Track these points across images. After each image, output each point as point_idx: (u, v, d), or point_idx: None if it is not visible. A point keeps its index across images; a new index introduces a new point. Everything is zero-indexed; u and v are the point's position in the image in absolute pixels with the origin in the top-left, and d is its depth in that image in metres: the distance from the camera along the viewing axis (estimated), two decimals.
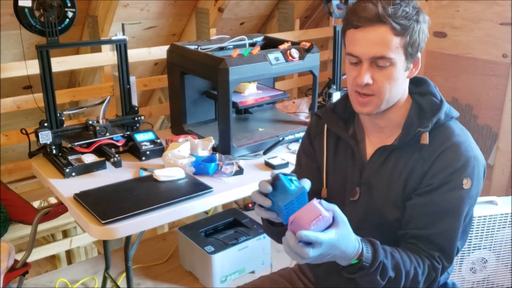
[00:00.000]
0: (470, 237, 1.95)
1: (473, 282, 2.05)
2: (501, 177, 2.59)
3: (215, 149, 1.95)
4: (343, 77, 2.53)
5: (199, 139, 1.98)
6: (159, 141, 2.00)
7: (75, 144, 1.88)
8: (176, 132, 2.20)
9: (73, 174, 1.79)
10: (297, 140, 2.11)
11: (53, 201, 2.66)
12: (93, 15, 2.59)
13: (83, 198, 1.61)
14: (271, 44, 2.20)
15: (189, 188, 1.69)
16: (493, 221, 1.95)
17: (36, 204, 2.55)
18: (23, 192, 2.20)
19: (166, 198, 1.61)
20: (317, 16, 3.49)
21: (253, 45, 2.19)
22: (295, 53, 2.03)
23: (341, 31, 1.16)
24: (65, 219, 2.72)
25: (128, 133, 2.00)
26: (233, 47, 2.14)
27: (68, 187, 1.70)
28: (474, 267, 2.01)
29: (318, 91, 2.23)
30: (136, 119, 2.09)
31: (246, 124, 2.26)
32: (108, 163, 1.88)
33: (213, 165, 1.81)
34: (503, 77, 2.50)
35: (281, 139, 2.07)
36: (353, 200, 1.22)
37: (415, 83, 1.22)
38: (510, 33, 2.43)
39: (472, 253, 1.99)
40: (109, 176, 1.80)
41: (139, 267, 2.46)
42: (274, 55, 1.98)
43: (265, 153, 2.01)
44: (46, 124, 1.87)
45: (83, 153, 1.88)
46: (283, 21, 3.24)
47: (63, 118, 1.91)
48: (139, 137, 1.99)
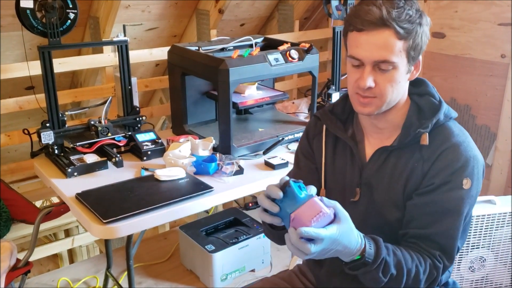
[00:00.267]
0: (468, 236, 1.96)
1: (472, 281, 2.06)
2: (499, 176, 2.60)
3: (215, 149, 1.97)
4: (343, 77, 2.54)
5: (199, 139, 1.99)
6: (160, 141, 2.01)
7: (77, 144, 1.89)
8: (177, 132, 2.21)
9: (75, 174, 1.80)
10: (296, 140, 2.12)
11: (55, 200, 2.67)
12: (95, 17, 2.60)
13: (85, 197, 1.62)
14: (271, 45, 2.21)
15: (190, 187, 1.71)
16: (492, 220, 1.96)
17: (38, 203, 2.56)
18: (25, 191, 2.21)
19: (167, 197, 1.62)
20: (317, 17, 3.50)
21: (253, 46, 2.21)
22: (294, 54, 2.04)
23: (343, 32, 1.15)
24: (67, 218, 2.73)
25: (129, 133, 2.02)
26: (233, 48, 2.16)
27: (70, 187, 1.71)
28: (472, 266, 2.02)
29: (317, 92, 2.24)
30: (137, 119, 2.10)
31: (246, 124, 2.27)
32: (109, 163, 1.89)
33: (214, 165, 1.83)
34: (502, 78, 2.50)
35: (280, 139, 2.08)
36: (353, 201, 1.22)
37: (413, 83, 1.20)
38: (508, 33, 2.44)
39: (470, 252, 2.00)
40: (110, 176, 1.81)
41: (140, 266, 2.47)
42: (274, 56, 1.99)
43: (265, 153, 2.02)
44: (48, 124, 1.88)
45: (85, 153, 1.89)
46: (282, 22, 3.25)
47: (65, 118, 1.92)
48: (141, 137, 2.00)
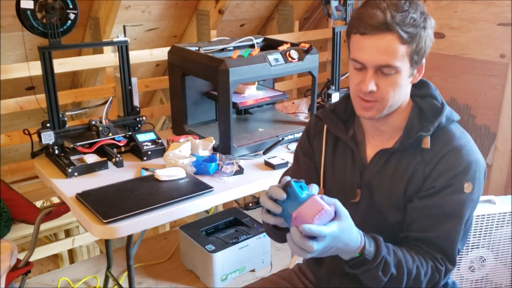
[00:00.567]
0: (468, 236, 1.95)
1: (472, 281, 2.06)
2: (499, 176, 2.60)
3: (215, 149, 1.97)
4: (342, 78, 2.55)
5: (199, 139, 2.00)
6: (160, 141, 2.02)
7: (77, 144, 1.89)
8: (177, 132, 2.22)
9: (75, 174, 1.80)
10: (296, 140, 2.12)
11: (55, 200, 2.67)
12: (95, 17, 2.61)
13: (85, 197, 1.62)
14: (270, 45, 2.21)
15: (190, 187, 1.71)
16: (492, 220, 1.96)
17: (38, 203, 2.57)
18: (25, 192, 2.21)
19: (167, 197, 1.62)
20: (316, 17, 3.50)
21: (253, 46, 2.21)
22: (294, 54, 2.04)
23: (346, 33, 1.14)
24: (67, 218, 2.73)
25: (129, 133, 2.02)
26: (233, 48, 2.16)
27: (70, 187, 1.72)
28: (472, 266, 2.03)
29: (317, 92, 2.24)
30: (137, 119, 2.10)
31: (246, 124, 2.28)
32: (110, 163, 1.90)
33: (214, 165, 1.83)
34: (501, 78, 2.50)
35: (280, 139, 2.08)
36: (354, 201, 1.21)
37: (416, 85, 1.19)
38: (508, 33, 2.44)
39: (470, 252, 2.00)
40: (111, 176, 1.82)
41: (140, 266, 2.47)
42: (273, 56, 1.99)
43: (265, 153, 2.03)
44: (48, 124, 1.88)
45: (85, 153, 1.89)
46: (282, 22, 3.25)
47: (65, 118, 1.93)
48: (141, 137, 2.00)
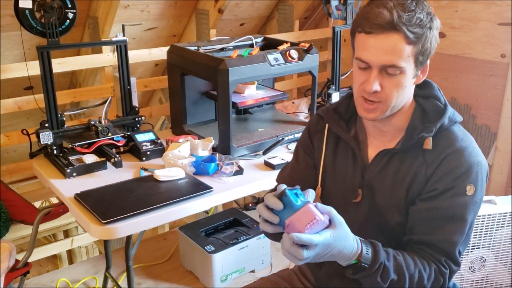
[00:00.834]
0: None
1: (472, 281, 2.06)
2: (499, 176, 2.59)
3: (215, 149, 1.96)
4: (342, 77, 2.54)
5: (199, 139, 1.99)
6: (159, 141, 2.01)
7: (76, 144, 1.88)
8: (176, 132, 2.21)
9: (74, 174, 1.79)
10: (296, 140, 2.12)
11: (54, 201, 2.66)
12: (94, 16, 2.60)
13: (84, 198, 1.62)
14: (270, 45, 2.21)
15: (189, 188, 1.70)
16: (492, 220, 1.95)
17: (37, 204, 2.56)
18: (24, 192, 2.21)
19: (166, 198, 1.62)
20: (317, 17, 3.49)
21: (253, 46, 2.20)
22: (294, 53, 2.03)
23: (350, 32, 1.13)
24: (66, 219, 2.73)
25: (128, 133, 2.01)
26: (233, 48, 2.15)
27: (69, 187, 1.71)
28: (473, 266, 2.02)
29: (317, 92, 2.23)
30: (136, 119, 2.10)
31: (246, 124, 2.27)
32: (108, 163, 1.89)
33: (213, 165, 1.82)
34: (502, 77, 2.50)
35: (280, 139, 2.08)
36: (355, 202, 1.21)
37: (419, 85, 1.18)
38: (508, 33, 2.43)
39: (471, 252, 1.99)
40: (109, 176, 1.81)
41: (140, 267, 2.46)
42: (273, 56, 1.99)
43: (264, 153, 2.02)
44: (47, 124, 1.88)
45: (84, 154, 1.88)
46: (282, 22, 3.24)
47: (64, 118, 1.92)
48: (140, 137, 2.00)
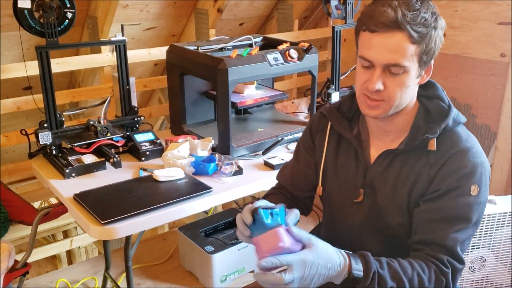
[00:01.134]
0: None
1: (472, 281, 2.05)
2: (499, 176, 2.59)
3: (214, 149, 1.96)
4: (342, 77, 2.54)
5: (198, 139, 1.99)
6: (158, 141, 2.01)
7: (75, 144, 1.88)
8: (175, 132, 2.20)
9: (73, 174, 1.79)
10: (296, 140, 2.11)
11: (53, 201, 2.66)
12: (93, 16, 2.59)
13: (83, 198, 1.61)
14: (270, 44, 2.20)
15: (188, 188, 1.70)
16: (492, 220, 1.95)
17: (36, 204, 2.55)
18: (23, 192, 2.20)
19: (165, 198, 1.61)
20: (316, 16, 3.49)
21: (252, 45, 2.20)
22: (294, 53, 2.03)
23: (354, 30, 1.13)
24: (65, 219, 2.72)
25: (127, 133, 2.01)
26: (232, 47, 2.15)
27: (68, 188, 1.71)
28: (473, 266, 2.02)
29: (317, 91, 2.23)
30: (135, 119, 2.09)
31: (245, 124, 2.27)
32: (107, 164, 1.89)
33: (213, 165, 1.82)
34: (502, 77, 2.50)
35: (280, 139, 2.07)
36: (356, 201, 1.20)
37: (422, 86, 1.18)
38: (508, 32, 2.43)
39: (471, 252, 1.99)
40: (108, 176, 1.81)
41: (139, 267, 2.46)
42: (273, 56, 1.98)
43: (264, 153, 2.02)
44: (46, 125, 1.87)
45: (83, 154, 1.88)
46: (282, 21, 3.24)
47: (63, 119, 1.92)
48: (139, 137, 1.99)
